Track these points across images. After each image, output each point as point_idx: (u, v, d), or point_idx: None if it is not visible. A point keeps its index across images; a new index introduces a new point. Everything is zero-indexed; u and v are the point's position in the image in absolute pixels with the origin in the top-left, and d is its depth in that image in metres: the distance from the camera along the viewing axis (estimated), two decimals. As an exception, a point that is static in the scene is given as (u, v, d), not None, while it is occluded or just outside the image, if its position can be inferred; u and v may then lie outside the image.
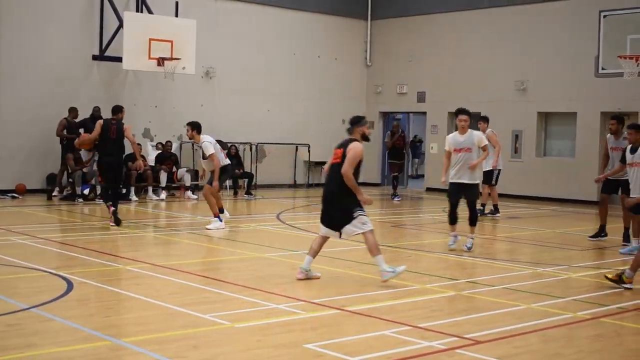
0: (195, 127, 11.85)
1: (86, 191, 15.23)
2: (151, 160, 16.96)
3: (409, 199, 19.16)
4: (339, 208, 7.61)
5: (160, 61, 16.09)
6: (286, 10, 20.43)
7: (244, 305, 6.60)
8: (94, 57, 16.94)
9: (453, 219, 10.02)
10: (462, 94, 19.85)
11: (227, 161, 12.28)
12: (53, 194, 15.59)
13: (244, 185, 17.87)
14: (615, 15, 14.84)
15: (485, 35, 19.50)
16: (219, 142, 16.98)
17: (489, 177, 14.15)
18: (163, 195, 16.33)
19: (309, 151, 20.77)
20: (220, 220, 11.78)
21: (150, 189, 16.30)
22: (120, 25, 16.26)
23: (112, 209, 11.65)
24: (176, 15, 17.21)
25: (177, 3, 17.36)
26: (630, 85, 15.95)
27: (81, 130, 15.98)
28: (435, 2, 20.64)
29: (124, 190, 15.92)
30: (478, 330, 5.87)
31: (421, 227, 13.21)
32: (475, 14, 19.78)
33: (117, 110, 12.17)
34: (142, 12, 16.93)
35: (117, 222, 11.60)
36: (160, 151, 17.15)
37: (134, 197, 15.81)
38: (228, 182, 17.95)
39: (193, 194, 16.75)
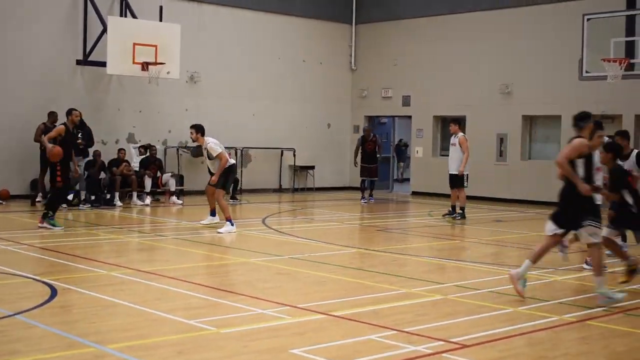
0: (199, 130, 12.15)
1: (70, 197, 15.09)
2: (135, 165, 16.84)
3: (394, 202, 19.18)
4: (569, 208, 7.22)
5: (145, 66, 15.99)
6: (271, 15, 20.39)
7: (230, 311, 6.56)
8: (78, 62, 16.80)
9: None
10: (447, 98, 19.91)
11: (233, 161, 12.34)
12: (37, 200, 15.44)
13: (229, 190, 17.76)
14: (599, 18, 14.91)
15: (470, 39, 19.51)
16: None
17: (459, 181, 14.41)
18: (148, 200, 16.22)
19: (294, 155, 20.73)
20: (232, 224, 11.74)
21: (134, 194, 16.16)
22: (104, 30, 16.14)
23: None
24: (160, 20, 17.12)
25: (161, 7, 17.28)
26: (614, 88, 16.00)
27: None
28: (420, 6, 20.65)
29: (108, 195, 15.84)
30: (464, 334, 5.86)
31: (407, 231, 13.21)
32: (460, 17, 19.80)
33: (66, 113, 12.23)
34: (126, 16, 16.83)
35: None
36: (144, 156, 17.03)
37: (118, 203, 15.69)
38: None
39: (178, 199, 16.66)
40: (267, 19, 20.32)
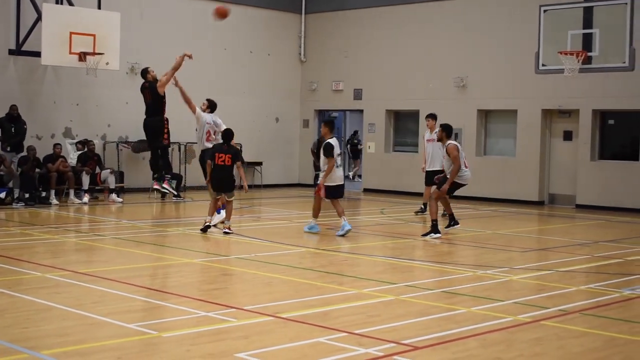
0: (211, 105, 12.95)
1: (2, 195, 14.47)
2: (72, 161, 16.27)
3: (345, 200, 18.96)
4: None
5: (82, 56, 15.52)
6: (216, 3, 19.91)
7: (172, 314, 6.46)
8: (10, 52, 16.17)
9: None
10: (400, 91, 19.74)
11: (210, 144, 12.69)
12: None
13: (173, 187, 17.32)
14: (556, 10, 14.97)
15: (424, 30, 19.31)
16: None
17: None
18: (85, 198, 15.69)
19: (240, 150, 20.32)
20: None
21: (71, 191, 15.64)
22: (39, 18, 15.64)
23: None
24: (99, 7, 16.64)
25: (99, -6, 16.78)
26: (571, 82, 16.08)
27: None
28: (372, -5, 20.46)
29: (43, 193, 15.27)
30: (416, 336, 5.80)
31: (358, 230, 13.03)
32: (414, 8, 19.54)
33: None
34: (62, 3, 16.29)
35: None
36: (82, 151, 16.45)
37: (54, 201, 15.16)
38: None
39: (118, 196, 16.16)
40: (212, 7, 19.73)
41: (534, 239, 11.98)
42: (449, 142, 11.64)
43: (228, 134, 11.64)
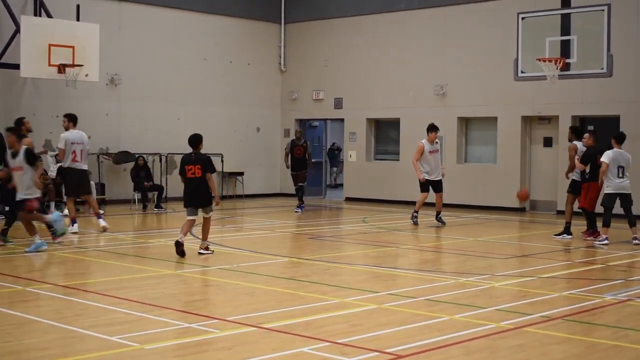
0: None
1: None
2: (52, 173, 16.12)
3: (327, 209, 18.99)
4: None
5: (61, 68, 15.44)
6: (195, 14, 19.94)
7: (154, 325, 6.39)
8: (-11, 65, 16.07)
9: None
10: (380, 100, 19.80)
11: (81, 165, 12.89)
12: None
13: (154, 199, 17.25)
14: (534, 17, 15.02)
15: (403, 39, 19.36)
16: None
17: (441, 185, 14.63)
18: (66, 210, 15.48)
19: (222, 161, 20.29)
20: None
21: (52, 204, 15.47)
22: (17, 30, 15.53)
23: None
24: (77, 19, 16.55)
25: (78, 6, 16.68)
26: (550, 88, 16.16)
27: None
28: (351, 4, 20.41)
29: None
30: (399, 344, 5.78)
31: (340, 239, 13.03)
32: (392, 16, 19.61)
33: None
34: (40, 15, 16.22)
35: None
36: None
37: (35, 213, 14.93)
38: (136, 195, 17.27)
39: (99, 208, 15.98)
40: (192, 18, 19.85)
41: (515, 245, 12.02)
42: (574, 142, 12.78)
43: (193, 140, 10.41)
